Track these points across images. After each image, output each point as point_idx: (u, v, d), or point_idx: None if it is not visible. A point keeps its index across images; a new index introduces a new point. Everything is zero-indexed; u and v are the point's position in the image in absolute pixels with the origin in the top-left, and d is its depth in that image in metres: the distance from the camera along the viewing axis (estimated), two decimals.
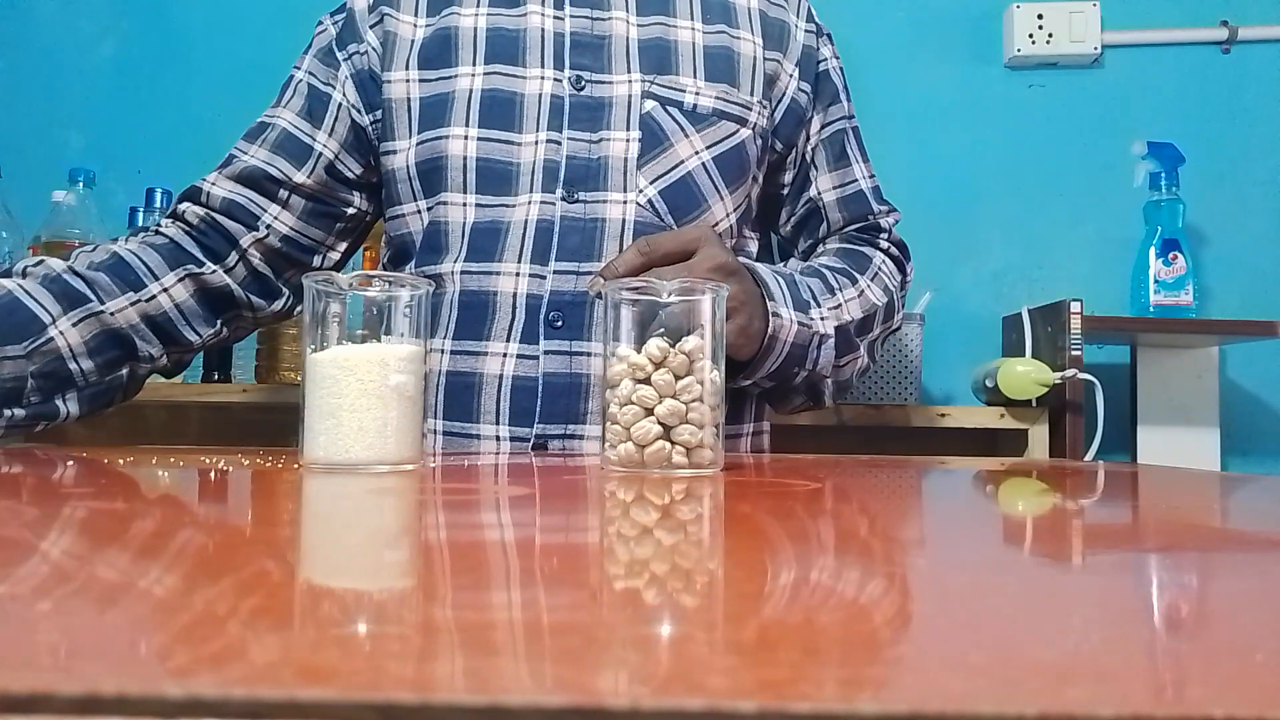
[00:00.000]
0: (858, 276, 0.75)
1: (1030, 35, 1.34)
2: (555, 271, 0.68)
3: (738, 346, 0.64)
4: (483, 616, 0.17)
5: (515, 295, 0.69)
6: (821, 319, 0.70)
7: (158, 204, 1.21)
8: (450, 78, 0.72)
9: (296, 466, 0.45)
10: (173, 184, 1.07)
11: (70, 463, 0.49)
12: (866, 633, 0.16)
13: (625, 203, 0.70)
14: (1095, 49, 1.34)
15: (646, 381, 0.45)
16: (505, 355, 0.68)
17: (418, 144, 0.72)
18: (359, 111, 0.75)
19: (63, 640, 0.14)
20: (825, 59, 0.80)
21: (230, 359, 1.18)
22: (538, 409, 0.68)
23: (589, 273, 0.68)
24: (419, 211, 0.73)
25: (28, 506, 0.34)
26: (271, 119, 0.75)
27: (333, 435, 0.42)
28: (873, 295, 0.75)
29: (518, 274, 0.69)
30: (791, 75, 0.78)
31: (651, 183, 0.71)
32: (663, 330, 0.46)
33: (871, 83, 1.33)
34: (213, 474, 0.46)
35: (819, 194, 0.80)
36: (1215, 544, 0.31)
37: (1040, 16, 1.34)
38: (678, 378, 0.45)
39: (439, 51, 0.73)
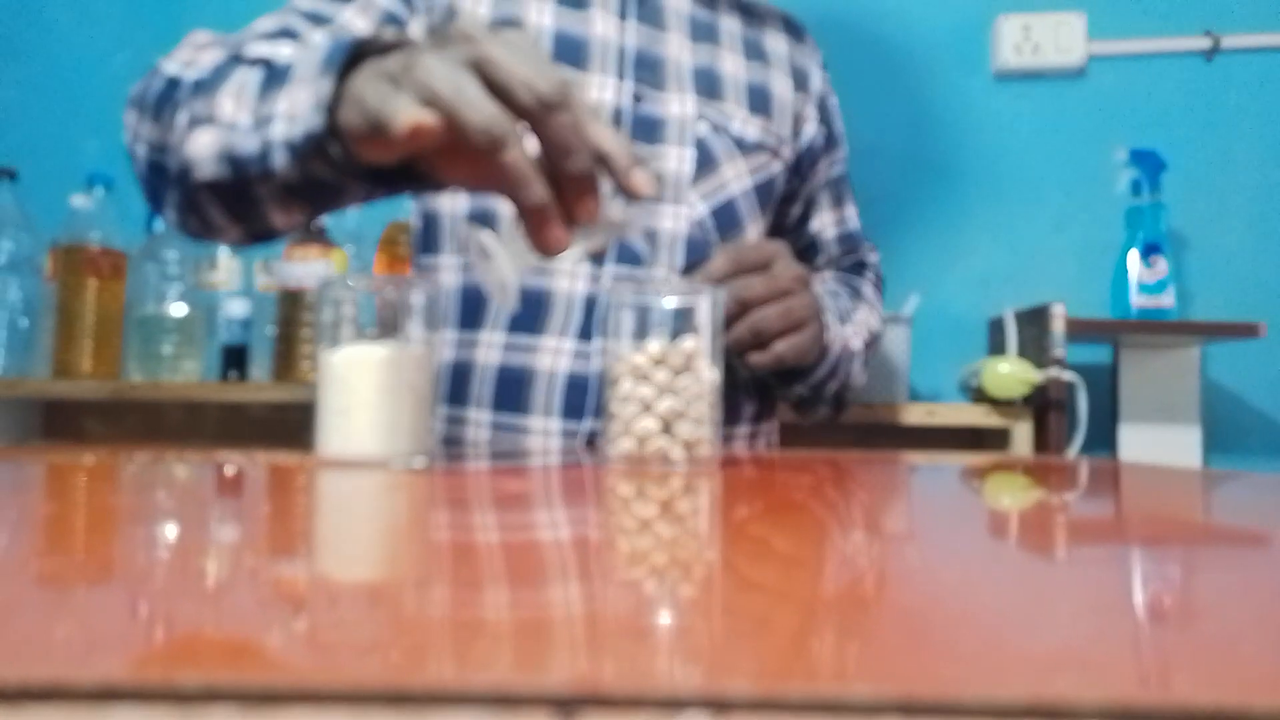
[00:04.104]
0: (861, 303, 0.83)
1: (1017, 46, 1.36)
2: (613, 273, 0.71)
3: (806, 352, 0.69)
4: (488, 607, 0.17)
5: (572, 293, 0.70)
6: (853, 336, 0.78)
7: None
8: None
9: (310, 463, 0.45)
10: None
11: (89, 460, 0.49)
12: (858, 622, 0.17)
13: (678, 217, 0.73)
14: (1081, 59, 1.36)
15: (646, 380, 0.46)
16: (559, 351, 0.70)
17: None
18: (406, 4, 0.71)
19: (80, 632, 0.14)
20: (833, 106, 0.88)
21: (247, 359, 1.19)
22: (590, 405, 0.70)
23: (644, 278, 0.71)
24: (457, 192, 0.74)
25: (45, 502, 0.34)
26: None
27: (346, 432, 0.44)
28: (871, 321, 0.83)
29: (574, 273, 0.71)
30: (811, 118, 0.84)
31: (703, 200, 0.74)
32: (663, 330, 0.46)
33: (862, 93, 1.34)
34: (228, 470, 0.46)
35: (821, 229, 0.88)
36: (1197, 538, 0.31)
37: (1027, 28, 1.36)
38: (676, 375, 0.46)
39: None
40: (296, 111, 0.47)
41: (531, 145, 0.41)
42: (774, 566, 0.22)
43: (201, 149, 0.52)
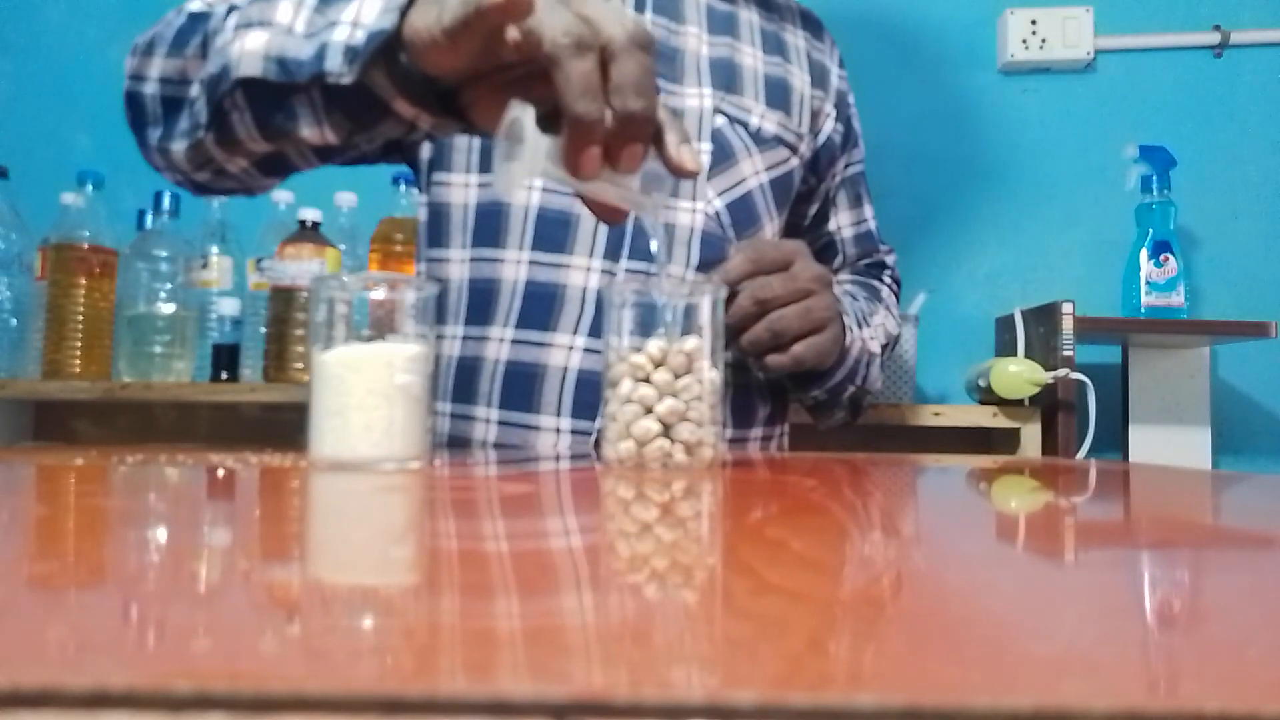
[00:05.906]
0: (879, 306, 0.82)
1: (1024, 41, 1.35)
2: (626, 270, 0.69)
3: (826, 355, 0.68)
4: (486, 612, 0.17)
5: (585, 290, 0.69)
6: (871, 338, 0.77)
7: (165, 206, 1.22)
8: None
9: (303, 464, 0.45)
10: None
11: (79, 461, 0.49)
12: (863, 627, 0.16)
13: (694, 211, 0.72)
14: (1088, 54, 1.35)
15: (647, 380, 0.45)
16: (571, 348, 0.69)
17: None
18: None
19: (72, 635, 0.14)
20: (852, 105, 0.87)
21: (239, 359, 1.19)
22: (602, 403, 0.68)
23: (658, 273, 0.69)
24: (469, 185, 0.73)
25: (36, 504, 0.34)
26: None
27: (339, 434, 0.43)
28: (889, 324, 0.82)
29: (589, 269, 0.69)
30: (829, 115, 0.83)
31: (719, 195, 0.73)
32: (663, 330, 0.46)
33: (867, 87, 1.34)
34: (220, 471, 0.46)
35: (838, 229, 0.87)
36: (1207, 540, 0.31)
37: (1034, 22, 1.35)
38: (677, 377, 0.45)
39: None
40: (363, 19, 0.46)
41: None
42: (776, 571, 0.22)
43: (250, 46, 0.51)
